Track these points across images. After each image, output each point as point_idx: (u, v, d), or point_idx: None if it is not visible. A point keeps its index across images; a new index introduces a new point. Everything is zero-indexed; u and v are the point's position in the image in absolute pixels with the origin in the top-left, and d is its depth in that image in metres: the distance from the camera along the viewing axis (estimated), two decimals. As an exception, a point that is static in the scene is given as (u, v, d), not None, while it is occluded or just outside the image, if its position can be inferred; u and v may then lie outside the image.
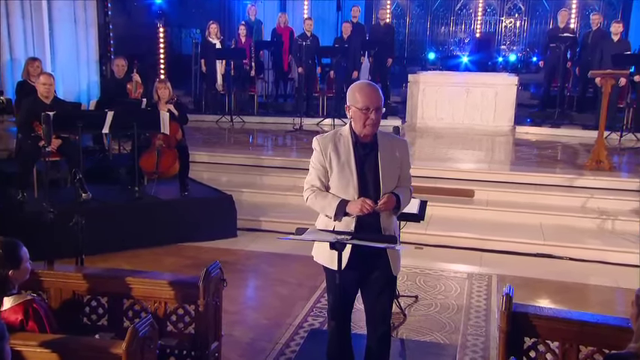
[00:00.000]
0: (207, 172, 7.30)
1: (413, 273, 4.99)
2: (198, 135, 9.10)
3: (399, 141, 2.87)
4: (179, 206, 5.88)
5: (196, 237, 5.72)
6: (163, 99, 6.08)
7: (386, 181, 2.76)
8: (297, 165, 7.21)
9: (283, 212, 6.28)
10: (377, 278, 2.85)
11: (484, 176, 6.79)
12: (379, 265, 2.83)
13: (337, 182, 2.79)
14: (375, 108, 2.69)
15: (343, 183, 2.77)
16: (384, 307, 2.90)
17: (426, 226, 5.69)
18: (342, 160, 2.77)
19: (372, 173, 2.77)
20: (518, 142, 8.93)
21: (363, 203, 2.69)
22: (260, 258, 5.40)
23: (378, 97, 2.71)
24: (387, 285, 2.89)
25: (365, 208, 2.69)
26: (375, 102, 2.70)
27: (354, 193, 2.75)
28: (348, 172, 2.76)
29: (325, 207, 2.78)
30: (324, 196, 2.81)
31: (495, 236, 5.66)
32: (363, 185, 2.76)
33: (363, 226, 2.77)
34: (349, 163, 2.76)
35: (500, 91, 9.38)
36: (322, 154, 2.81)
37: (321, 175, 2.84)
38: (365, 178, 2.77)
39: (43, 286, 3.04)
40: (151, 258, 5.29)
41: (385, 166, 2.77)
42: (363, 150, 2.78)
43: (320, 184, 2.86)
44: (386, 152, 2.79)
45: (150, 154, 5.99)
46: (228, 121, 10.09)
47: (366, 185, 2.77)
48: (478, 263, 5.29)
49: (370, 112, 2.68)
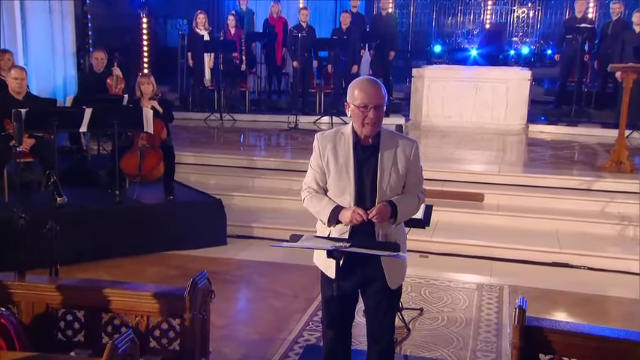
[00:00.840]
0: (195, 174, 7.29)
1: (417, 284, 4.98)
2: (185, 134, 9.08)
3: (407, 141, 2.83)
4: (164, 211, 5.86)
5: (182, 245, 5.70)
6: (147, 95, 6.07)
7: (383, 188, 2.74)
8: (293, 166, 7.20)
9: (277, 218, 6.27)
10: (374, 290, 2.84)
11: (494, 179, 6.78)
12: (374, 277, 2.81)
13: (334, 186, 2.79)
14: (375, 106, 2.67)
15: (340, 188, 2.77)
16: (383, 320, 2.89)
17: (431, 232, 5.67)
18: (340, 163, 2.76)
19: (370, 179, 2.75)
20: (532, 141, 8.93)
21: (354, 214, 2.69)
22: (252, 267, 5.38)
23: (378, 94, 2.69)
24: (386, 297, 2.86)
25: (355, 218, 2.68)
26: (374, 99, 2.68)
27: (350, 199, 2.74)
28: (345, 177, 2.75)
29: (320, 212, 2.81)
30: (320, 199, 2.82)
31: (507, 244, 5.66)
32: (359, 192, 2.75)
33: (358, 233, 2.76)
34: (347, 166, 2.75)
35: (512, 86, 9.39)
36: (320, 155, 2.81)
37: (318, 177, 2.85)
38: (363, 184, 2.75)
39: (12, 299, 3.02)
40: (132, 268, 5.27)
41: (385, 172, 2.74)
42: (363, 152, 2.77)
43: (317, 186, 2.86)
44: (388, 155, 2.77)
45: (132, 155, 5.97)
46: (218, 120, 10.08)
47: (363, 192, 2.75)
48: (488, 273, 5.28)
49: (368, 110, 2.67)
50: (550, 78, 12.88)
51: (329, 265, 2.76)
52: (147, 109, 5.86)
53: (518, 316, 2.58)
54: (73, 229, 5.03)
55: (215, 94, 10.73)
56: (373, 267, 2.78)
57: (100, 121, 5.70)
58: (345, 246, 2.55)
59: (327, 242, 2.61)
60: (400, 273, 2.88)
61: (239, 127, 9.97)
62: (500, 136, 9.15)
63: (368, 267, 2.78)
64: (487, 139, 8.96)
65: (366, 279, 2.83)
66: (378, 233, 2.76)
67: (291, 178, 6.93)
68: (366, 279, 2.83)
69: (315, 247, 2.67)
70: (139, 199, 5.96)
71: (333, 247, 2.53)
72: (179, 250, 5.67)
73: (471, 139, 8.89)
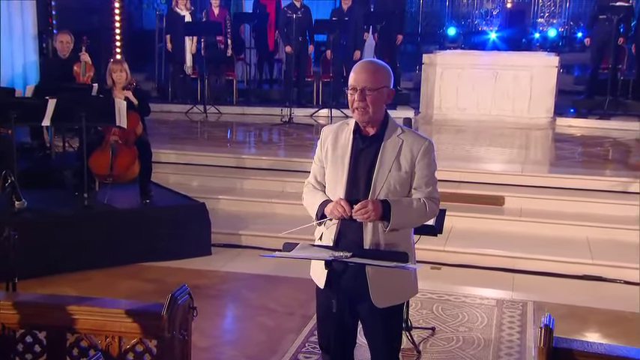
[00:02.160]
0: (175, 174, 7.28)
1: (428, 299, 4.96)
2: (164, 129, 9.07)
3: (418, 139, 2.81)
4: (139, 217, 5.86)
5: (160, 255, 5.69)
6: (119, 84, 6.05)
7: (378, 184, 2.73)
8: (287, 166, 7.19)
9: (269, 224, 6.26)
10: (365, 311, 2.82)
11: (517, 180, 6.78)
12: (360, 293, 2.77)
13: (329, 179, 2.84)
14: (362, 88, 2.68)
15: (334, 179, 2.80)
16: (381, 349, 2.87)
17: (444, 240, 5.67)
18: (337, 153, 2.81)
19: (365, 172, 2.76)
20: (559, 137, 8.93)
21: (336, 205, 2.70)
22: (240, 281, 5.37)
23: (368, 75, 2.70)
24: (380, 320, 2.82)
25: (336, 210, 2.69)
26: (360, 80, 2.69)
27: (340, 192, 2.77)
28: (340, 167, 2.78)
29: (311, 207, 2.86)
30: (314, 194, 2.87)
31: (531, 254, 5.65)
32: (352, 184, 2.76)
33: (346, 238, 2.76)
34: (343, 156, 2.79)
35: (537, 74, 9.39)
36: (321, 146, 2.88)
37: (317, 171, 2.90)
38: (356, 177, 2.76)
39: (-37, 317, 3.00)
40: (103, 281, 5.25)
41: (383, 165, 2.74)
42: (363, 142, 2.78)
43: (315, 181, 2.91)
44: (391, 148, 2.76)
45: (102, 153, 5.96)
46: (201, 112, 10.07)
47: (355, 185, 2.76)
48: (510, 287, 5.27)
49: (357, 93, 2.69)
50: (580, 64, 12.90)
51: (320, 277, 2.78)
52: (119, 100, 5.84)
53: (544, 336, 2.56)
54: (33, 237, 5.01)
55: (198, 84, 10.73)
56: (357, 280, 2.74)
57: (66, 114, 5.67)
58: (346, 256, 2.54)
59: (325, 252, 2.60)
60: (393, 289, 2.80)
61: (225, 121, 9.96)
62: (523, 131, 9.15)
63: (353, 281, 2.76)
64: (508, 134, 8.95)
65: (352, 296, 2.81)
66: (366, 238, 2.73)
67: (285, 179, 6.92)
68: (352, 296, 2.81)
69: (311, 257, 2.66)
70: (111, 203, 5.93)
71: (331, 257, 2.52)
72: (156, 261, 5.65)
73: (490, 134, 8.88)
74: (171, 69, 10.87)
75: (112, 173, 5.91)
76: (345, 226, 2.76)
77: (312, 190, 2.89)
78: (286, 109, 9.66)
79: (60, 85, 6.76)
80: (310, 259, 2.78)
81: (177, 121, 9.77)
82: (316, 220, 2.80)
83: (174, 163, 7.55)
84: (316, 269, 2.85)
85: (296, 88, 10.47)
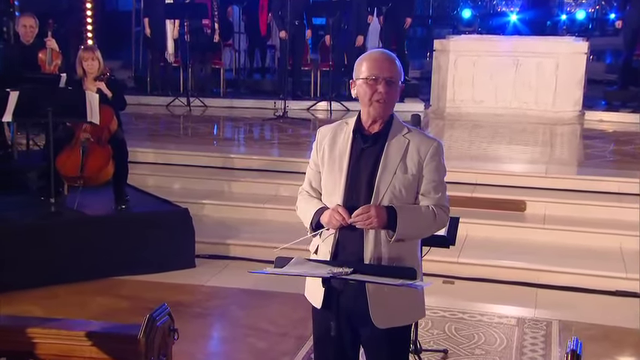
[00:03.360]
0: (154, 176, 7.28)
1: (440, 318, 4.95)
2: (142, 124, 9.05)
3: (426, 140, 2.82)
4: (113, 225, 5.84)
5: (137, 268, 5.68)
6: (91, 74, 6.04)
7: (381, 189, 2.72)
8: (280, 167, 7.18)
9: (261, 233, 6.25)
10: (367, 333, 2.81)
11: (540, 182, 6.77)
12: (359, 312, 2.76)
13: (325, 184, 2.84)
14: (387, 79, 2.70)
15: (331, 185, 2.80)
16: None
17: (458, 251, 5.65)
18: (334, 155, 2.80)
19: (367, 175, 2.75)
20: (589, 133, 8.93)
21: (333, 212, 2.70)
22: (227, 297, 5.36)
23: (391, 66, 2.74)
24: (383, 343, 2.81)
25: (334, 218, 2.69)
26: (385, 70, 2.72)
27: (337, 198, 2.76)
28: (337, 170, 2.78)
29: (306, 216, 2.86)
30: (308, 202, 2.87)
31: (556, 266, 5.64)
32: (351, 189, 2.75)
33: (345, 251, 2.76)
34: (342, 158, 2.79)
35: (564, 62, 9.40)
36: (317, 148, 2.87)
37: (312, 176, 2.90)
38: (356, 181, 2.76)
39: None
40: (71, 299, 5.22)
41: (388, 167, 2.74)
42: (364, 141, 2.78)
43: (310, 187, 2.91)
44: (396, 148, 2.76)
45: (72, 152, 5.94)
46: (184, 106, 10.07)
47: (355, 190, 2.75)
48: (532, 304, 5.26)
49: (378, 84, 2.70)
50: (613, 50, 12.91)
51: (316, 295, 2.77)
52: (91, 92, 5.82)
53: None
54: (-6, 248, 5.01)
55: (180, 73, 10.71)
56: (358, 299, 2.74)
57: (30, 108, 5.64)
58: (346, 272, 2.52)
59: (322, 267, 2.58)
60: (396, 308, 2.79)
61: (211, 115, 9.95)
62: (548, 126, 9.15)
63: (353, 300, 2.75)
64: (530, 130, 8.95)
65: (353, 317, 2.80)
66: (366, 250, 2.73)
67: (279, 181, 6.91)
68: (353, 317, 2.80)
69: (307, 273, 2.64)
70: (81, 209, 5.91)
71: (330, 273, 2.50)
72: (133, 274, 5.64)
73: (510, 130, 8.88)
74: (150, 56, 10.87)
75: (82, 175, 5.88)
76: (344, 237, 2.75)
77: (307, 198, 2.89)
78: (280, 102, 9.65)
79: (23, 75, 6.72)
80: (306, 276, 2.76)
81: (156, 116, 9.75)
82: (311, 232, 2.79)
83: (154, 163, 7.54)
84: (312, 287, 2.84)
85: (291, 78, 10.47)
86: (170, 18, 10.32)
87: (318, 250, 2.84)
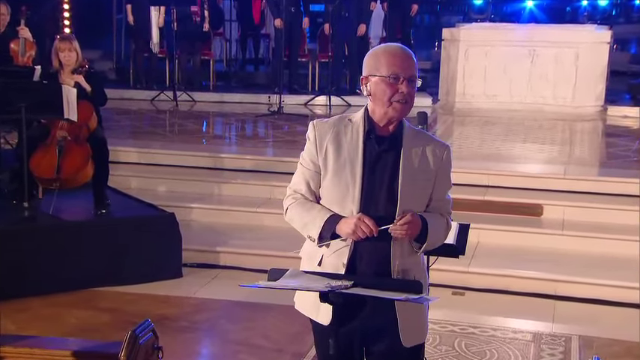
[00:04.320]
0: (138, 177, 7.29)
1: (449, 332, 4.95)
2: (125, 121, 9.06)
3: (439, 143, 2.84)
4: (93, 231, 5.83)
5: (119, 278, 5.67)
6: (68, 67, 6.04)
7: (406, 195, 2.73)
8: (275, 167, 7.18)
9: (254, 239, 6.26)
10: (381, 350, 2.81)
11: (558, 184, 6.77)
12: (381, 328, 2.77)
13: (331, 190, 2.78)
14: (409, 78, 2.72)
15: (339, 192, 2.76)
16: None
17: (468, 260, 5.65)
18: (342, 157, 2.76)
19: (386, 182, 2.74)
20: (612, 130, 8.94)
21: (359, 222, 2.65)
22: (217, 310, 5.36)
23: (412, 64, 2.76)
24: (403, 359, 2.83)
25: (360, 229, 2.65)
26: (407, 68, 2.72)
27: (352, 208, 2.73)
28: (349, 177, 2.75)
29: (308, 224, 2.79)
30: (309, 208, 2.81)
31: (576, 276, 5.63)
32: (368, 199, 2.73)
33: (363, 262, 2.74)
34: (353, 162, 2.75)
35: (584, 52, 9.41)
36: (316, 146, 2.81)
37: (310, 177, 2.84)
38: (373, 189, 2.74)
39: None
40: (47, 312, 5.20)
41: (409, 173, 2.74)
42: (378, 145, 2.77)
43: (306, 189, 2.85)
44: (414, 152, 2.77)
45: (47, 152, 5.93)
46: (170, 100, 10.08)
47: (373, 198, 2.74)
48: (549, 317, 5.25)
49: (401, 83, 2.70)
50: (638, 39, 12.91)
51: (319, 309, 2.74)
52: (68, 87, 5.82)
53: (592, 383, 2.56)
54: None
55: (166, 65, 10.72)
56: (380, 313, 2.73)
57: (1, 104, 5.64)
58: (346, 285, 2.51)
59: (319, 280, 2.57)
60: (422, 324, 2.84)
61: (200, 110, 9.96)
62: (567, 122, 9.16)
63: (372, 313, 2.74)
64: (547, 127, 8.95)
65: (368, 331, 2.80)
66: (394, 263, 2.73)
67: (273, 183, 6.91)
68: (368, 331, 2.80)
69: (303, 287, 2.63)
70: (57, 214, 5.91)
71: (328, 287, 2.49)
72: (114, 285, 5.63)
73: (525, 127, 8.88)
74: (133, 46, 10.87)
75: (58, 177, 5.87)
76: (362, 249, 2.73)
77: (305, 203, 2.83)
78: (275, 97, 9.66)
79: (-7, 68, 6.74)
80: (302, 290, 2.75)
81: (140, 111, 9.76)
82: (318, 242, 2.75)
83: (137, 163, 7.55)
84: (309, 300, 2.81)
85: (287, 71, 10.48)
86: (155, 4, 10.32)
87: (322, 263, 2.79)
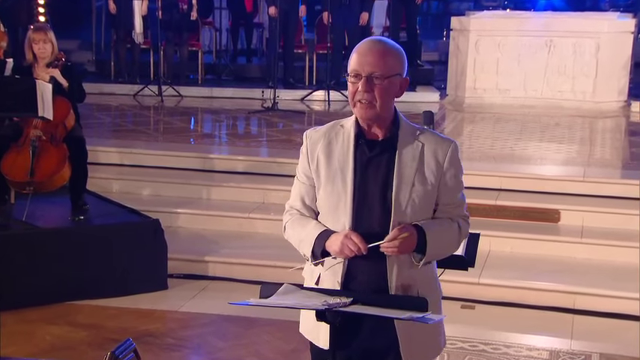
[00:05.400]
0: (119, 180, 7.29)
1: (458, 350, 4.94)
2: (105, 118, 9.05)
3: (442, 141, 2.82)
4: (70, 239, 5.82)
5: (98, 291, 5.66)
6: (43, 59, 6.05)
7: (402, 206, 2.72)
8: (269, 169, 7.18)
9: (246, 248, 6.26)
10: None
11: (577, 187, 6.77)
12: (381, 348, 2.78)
13: (325, 201, 2.82)
14: (368, 75, 2.69)
15: (331, 203, 2.79)
16: None
17: (479, 270, 5.63)
18: (334, 166, 2.79)
19: (379, 190, 2.75)
20: (636, 128, 8.95)
21: (345, 240, 2.67)
22: (206, 325, 5.33)
23: (376, 59, 2.70)
24: None
25: (347, 248, 2.67)
26: (366, 64, 2.69)
27: (345, 220, 2.75)
28: (340, 185, 2.77)
29: (303, 241, 2.84)
30: (304, 224, 2.84)
31: (596, 287, 5.63)
32: (360, 208, 2.75)
33: (357, 280, 2.76)
34: (343, 170, 2.77)
35: (606, 43, 9.41)
36: (307, 157, 2.84)
37: (305, 191, 2.87)
38: (366, 197, 2.75)
39: None
40: (19, 329, 5.14)
41: (405, 179, 2.73)
42: (369, 150, 2.77)
43: (301, 205, 2.88)
44: (410, 155, 2.76)
45: (20, 153, 5.93)
46: (155, 95, 10.07)
47: (366, 208, 2.75)
48: (567, 334, 5.24)
49: (359, 81, 2.70)
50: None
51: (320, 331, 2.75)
52: (43, 82, 5.80)
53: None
54: None
55: (150, 56, 10.70)
56: (379, 331, 2.75)
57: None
58: (345, 303, 2.51)
59: (316, 297, 2.57)
60: (429, 344, 2.84)
61: (187, 106, 9.95)
62: (587, 119, 9.16)
63: (371, 331, 2.76)
64: (565, 124, 8.95)
65: (369, 354, 2.80)
66: (390, 279, 2.74)
67: (267, 186, 6.91)
68: (369, 354, 2.80)
69: (298, 305, 2.62)
70: (31, 220, 5.90)
71: (325, 304, 2.49)
72: (92, 298, 5.62)
73: (541, 125, 8.88)
74: (115, 37, 10.85)
75: (32, 180, 5.87)
76: (355, 265, 2.74)
77: (300, 220, 2.86)
78: (269, 91, 9.66)
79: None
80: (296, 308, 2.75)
81: (122, 108, 9.75)
82: (312, 260, 2.77)
83: (119, 165, 7.54)
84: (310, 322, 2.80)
85: (282, 63, 10.46)
86: (138, -9, 10.32)
87: (320, 280, 2.81)
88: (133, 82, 10.48)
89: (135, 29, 10.49)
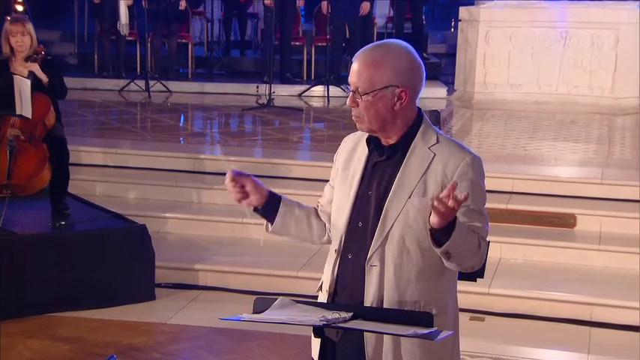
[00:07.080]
0: (103, 182, 7.30)
1: (469, 366, 4.97)
2: (88, 116, 9.05)
3: (456, 153, 2.74)
4: (50, 246, 5.81)
5: (81, 301, 5.67)
6: (21, 53, 6.05)
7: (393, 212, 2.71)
8: (265, 170, 7.15)
9: (240, 255, 6.26)
10: None
11: (594, 190, 6.77)
12: None
13: (333, 203, 2.95)
14: (354, 89, 2.73)
15: (337, 204, 2.91)
16: None
17: (489, 280, 5.64)
18: (349, 169, 2.88)
19: (378, 194, 2.77)
20: (657, 126, 8.94)
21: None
22: (196, 339, 5.34)
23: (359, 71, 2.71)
24: None
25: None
26: (354, 75, 2.73)
27: (343, 220, 2.84)
28: (348, 187, 2.86)
29: None
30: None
31: (614, 298, 5.63)
32: (358, 211, 2.81)
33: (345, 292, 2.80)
34: (355, 174, 2.85)
35: (626, 34, 9.42)
36: (335, 159, 3.00)
37: (327, 191, 3.03)
38: (366, 201, 2.79)
39: None
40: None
41: (402, 188, 2.72)
42: (379, 155, 2.80)
43: (325, 202, 3.04)
44: (416, 165, 2.74)
45: (-4, 154, 5.95)
46: (142, 90, 10.07)
47: (363, 212, 2.81)
48: (584, 348, 5.26)
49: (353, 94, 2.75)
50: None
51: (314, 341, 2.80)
52: (21, 77, 5.83)
53: None
54: None
55: (137, 49, 10.71)
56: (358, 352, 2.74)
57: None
58: (344, 318, 2.51)
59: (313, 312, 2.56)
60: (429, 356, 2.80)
61: (177, 103, 9.95)
62: (605, 117, 9.17)
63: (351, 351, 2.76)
64: (582, 122, 8.97)
65: None
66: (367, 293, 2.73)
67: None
68: None
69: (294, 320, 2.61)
70: (9, 226, 5.89)
71: (323, 320, 2.48)
72: (74, 310, 5.62)
73: (556, 122, 8.90)
74: (99, 28, 10.85)
75: (9, 182, 5.89)
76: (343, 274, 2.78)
77: None
78: (264, 87, 9.66)
79: None
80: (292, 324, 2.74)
81: (106, 104, 9.75)
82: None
83: (103, 166, 7.55)
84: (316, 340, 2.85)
85: (278, 56, 10.47)
86: (124, -21, 10.33)
87: (322, 286, 2.87)
88: (118, 76, 10.49)
89: (120, 19, 10.47)
